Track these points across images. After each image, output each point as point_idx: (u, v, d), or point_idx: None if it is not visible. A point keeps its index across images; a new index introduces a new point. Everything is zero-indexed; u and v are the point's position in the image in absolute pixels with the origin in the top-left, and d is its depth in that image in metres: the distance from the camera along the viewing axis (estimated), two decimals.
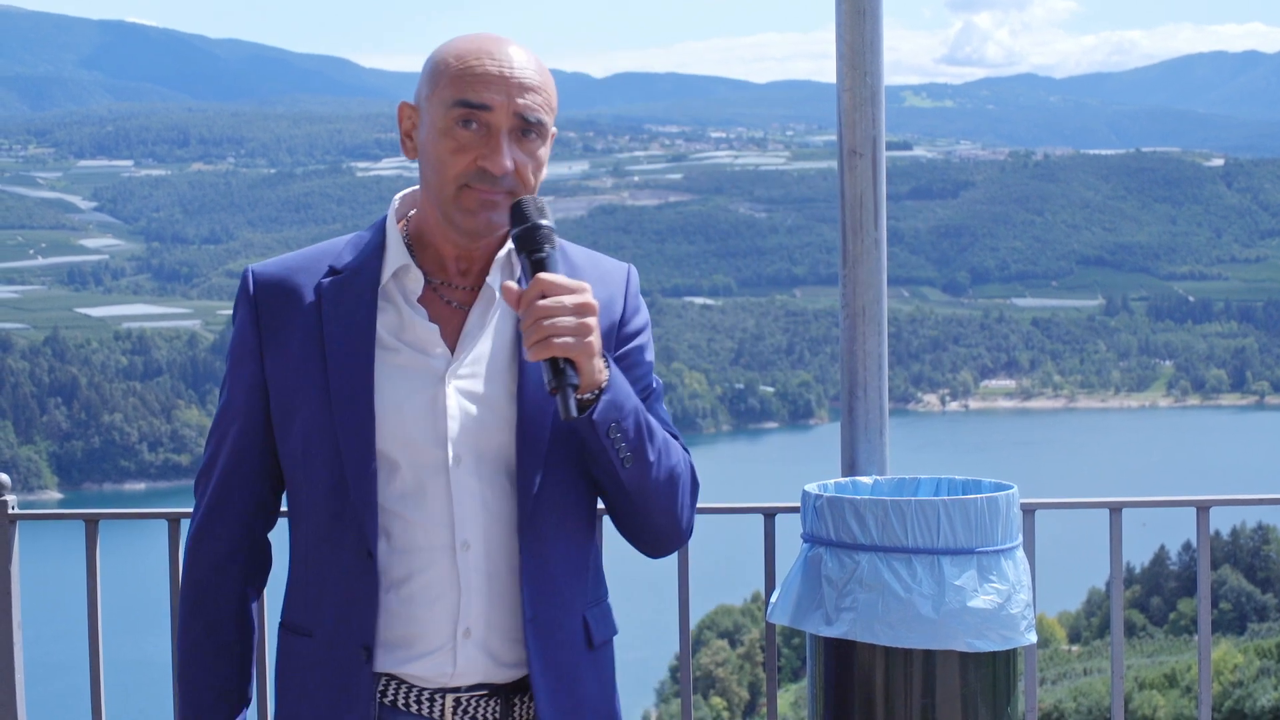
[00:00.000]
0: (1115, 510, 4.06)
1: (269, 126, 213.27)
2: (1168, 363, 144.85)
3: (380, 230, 2.92)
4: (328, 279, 2.85)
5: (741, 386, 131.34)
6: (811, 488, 3.30)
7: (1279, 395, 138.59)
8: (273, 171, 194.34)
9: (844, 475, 3.64)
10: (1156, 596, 53.81)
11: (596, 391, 2.71)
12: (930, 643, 3.03)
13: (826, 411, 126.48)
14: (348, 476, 2.77)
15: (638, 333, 2.98)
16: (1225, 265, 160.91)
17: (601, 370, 2.72)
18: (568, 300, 2.64)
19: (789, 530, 3.71)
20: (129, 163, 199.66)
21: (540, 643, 2.81)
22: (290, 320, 2.84)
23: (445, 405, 2.79)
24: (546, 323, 2.62)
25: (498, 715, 2.85)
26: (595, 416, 2.70)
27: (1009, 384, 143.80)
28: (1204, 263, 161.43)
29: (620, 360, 2.92)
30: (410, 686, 2.82)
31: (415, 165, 2.94)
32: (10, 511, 4.11)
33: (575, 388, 2.66)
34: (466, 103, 2.76)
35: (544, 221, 2.73)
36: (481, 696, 2.83)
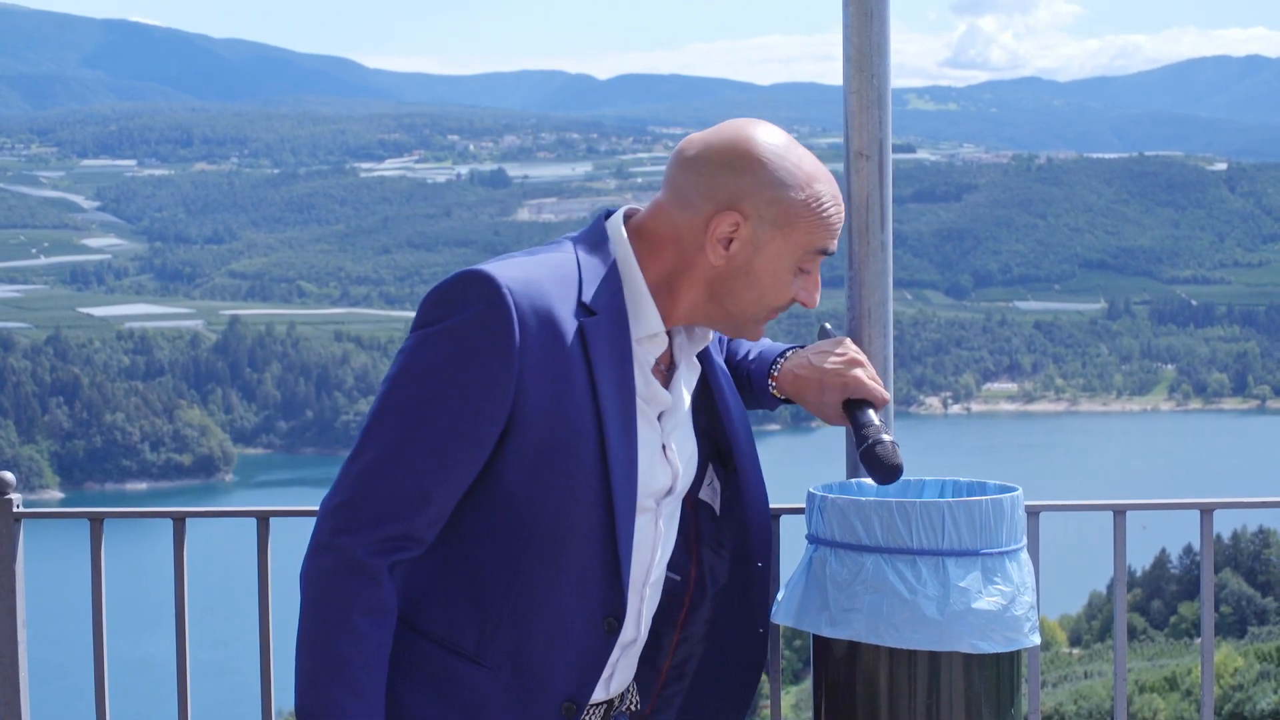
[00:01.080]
0: (1119, 513, 4.06)
1: (272, 126, 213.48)
2: (1170, 366, 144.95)
3: (608, 262, 2.79)
4: (587, 319, 2.70)
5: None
6: (816, 489, 3.31)
7: None
8: (276, 172, 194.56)
9: (849, 477, 3.64)
10: (1157, 600, 53.82)
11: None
12: (935, 644, 3.03)
13: None
14: (617, 531, 2.71)
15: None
16: (1228, 269, 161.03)
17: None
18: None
19: (793, 532, 3.71)
20: (132, 162, 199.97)
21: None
22: (556, 354, 2.66)
23: (671, 463, 2.86)
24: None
25: (604, 714, 2.89)
26: None
27: (1011, 387, 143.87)
28: (1206, 267, 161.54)
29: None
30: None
31: (416, 166, 2.93)
32: (15, 510, 4.11)
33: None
34: (826, 252, 2.83)
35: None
36: (598, 707, 2.87)
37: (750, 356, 3.35)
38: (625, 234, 2.82)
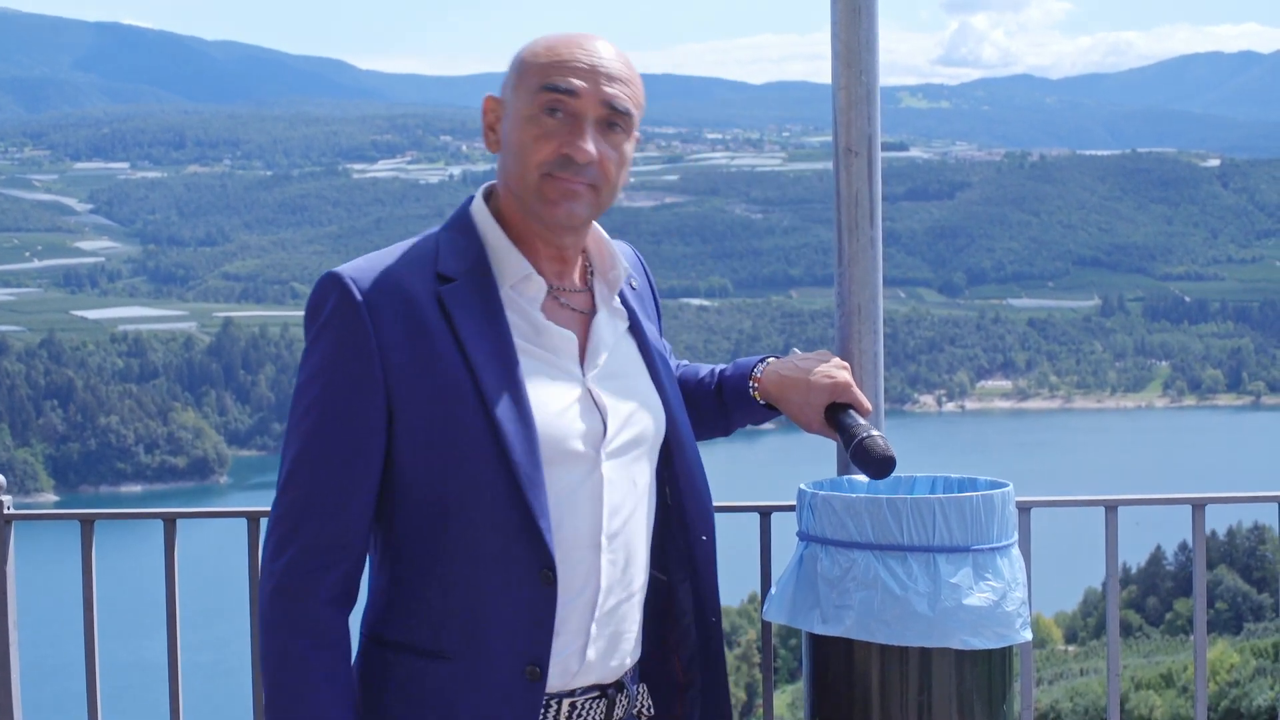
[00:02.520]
0: (1111, 508, 4.06)
1: (265, 128, 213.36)
2: (1164, 363, 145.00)
3: (468, 231, 2.83)
4: (444, 286, 2.73)
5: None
6: (806, 486, 3.30)
7: (1275, 395, 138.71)
8: (269, 173, 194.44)
9: (839, 474, 3.64)
10: (1153, 597, 53.81)
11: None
12: (926, 641, 3.03)
13: None
14: (523, 487, 2.66)
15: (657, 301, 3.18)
16: (1221, 265, 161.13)
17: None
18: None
19: (784, 529, 3.71)
20: (125, 165, 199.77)
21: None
22: (415, 331, 2.69)
23: (594, 407, 2.79)
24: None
25: (604, 715, 2.84)
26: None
27: (1005, 384, 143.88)
28: (1200, 263, 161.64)
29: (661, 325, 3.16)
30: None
31: (410, 168, 2.93)
32: (6, 512, 4.10)
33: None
34: (554, 87, 2.74)
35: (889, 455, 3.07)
36: (593, 698, 2.82)
37: (719, 371, 3.32)
38: (483, 199, 2.88)
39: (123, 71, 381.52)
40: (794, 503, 3.34)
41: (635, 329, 2.96)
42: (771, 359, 3.25)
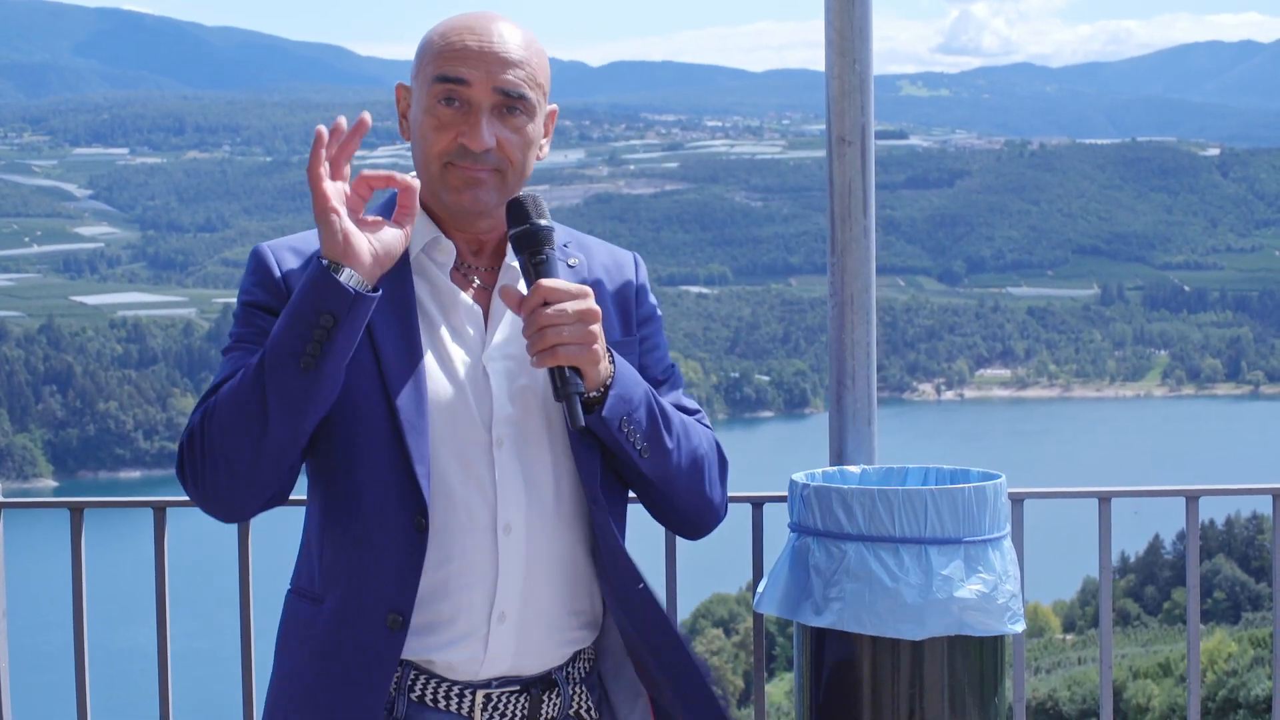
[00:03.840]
0: (1104, 499, 4.05)
1: (265, 114, 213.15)
2: (1163, 352, 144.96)
3: (393, 205, 2.82)
4: None
5: (737, 375, 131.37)
6: (799, 477, 3.29)
7: (1274, 385, 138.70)
8: (269, 160, 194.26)
9: (832, 465, 3.63)
10: (1151, 586, 53.84)
11: (603, 389, 2.70)
12: (917, 632, 3.02)
13: (821, 401, 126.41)
14: (407, 445, 2.68)
15: (651, 315, 3.00)
16: (1221, 255, 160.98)
17: (607, 366, 2.70)
18: (571, 307, 2.62)
19: (776, 520, 3.70)
20: (124, 150, 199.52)
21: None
22: None
23: (487, 385, 2.76)
24: (551, 331, 2.60)
25: (526, 712, 2.80)
26: (605, 413, 2.68)
27: (1004, 373, 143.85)
28: (1199, 252, 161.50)
29: (641, 343, 2.95)
30: (440, 680, 2.77)
31: (409, 154, 2.93)
32: None
33: (582, 395, 2.63)
34: (445, 78, 2.74)
35: (542, 221, 2.69)
36: (511, 692, 2.79)
37: None
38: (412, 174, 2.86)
39: (123, 57, 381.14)
40: (786, 494, 3.33)
41: None
42: None
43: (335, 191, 2.58)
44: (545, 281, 2.62)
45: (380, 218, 2.65)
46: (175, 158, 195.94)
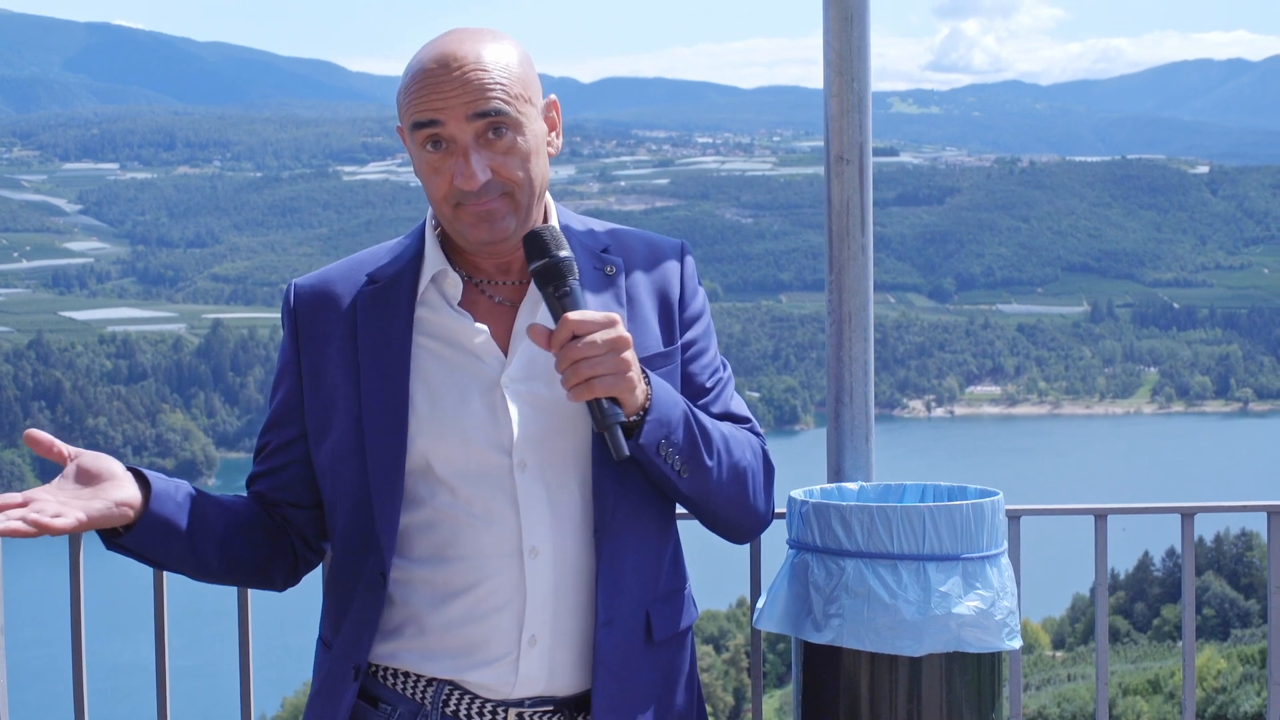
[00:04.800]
0: (1100, 517, 4.07)
1: (255, 130, 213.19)
2: (1152, 369, 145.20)
3: (419, 236, 2.85)
4: (367, 288, 2.80)
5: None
6: (798, 493, 3.30)
7: (1263, 402, 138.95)
8: (259, 175, 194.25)
9: (830, 481, 3.64)
10: (1140, 603, 53.90)
11: (640, 413, 2.66)
12: (916, 649, 3.04)
13: (812, 417, 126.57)
14: (372, 492, 2.74)
15: (698, 316, 2.94)
16: (1210, 272, 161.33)
17: (643, 390, 2.66)
18: (600, 338, 2.56)
19: (773, 536, 3.71)
20: (114, 166, 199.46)
21: (607, 645, 2.76)
22: (328, 332, 2.82)
23: (506, 409, 2.74)
24: (585, 365, 2.55)
25: None
26: (642, 440, 2.66)
27: (994, 390, 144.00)
28: (1189, 269, 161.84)
29: (685, 349, 2.89)
30: (474, 697, 2.76)
31: (401, 171, 2.97)
32: None
33: (622, 424, 2.60)
34: (418, 123, 2.68)
35: (562, 253, 2.63)
36: (545, 712, 2.78)
37: None
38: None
39: (113, 72, 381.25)
40: (784, 510, 3.34)
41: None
42: None
43: (73, 517, 2.59)
44: (572, 315, 2.57)
45: (71, 486, 2.66)
46: (165, 173, 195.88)
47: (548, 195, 2.85)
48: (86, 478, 2.64)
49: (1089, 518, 4.10)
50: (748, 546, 3.99)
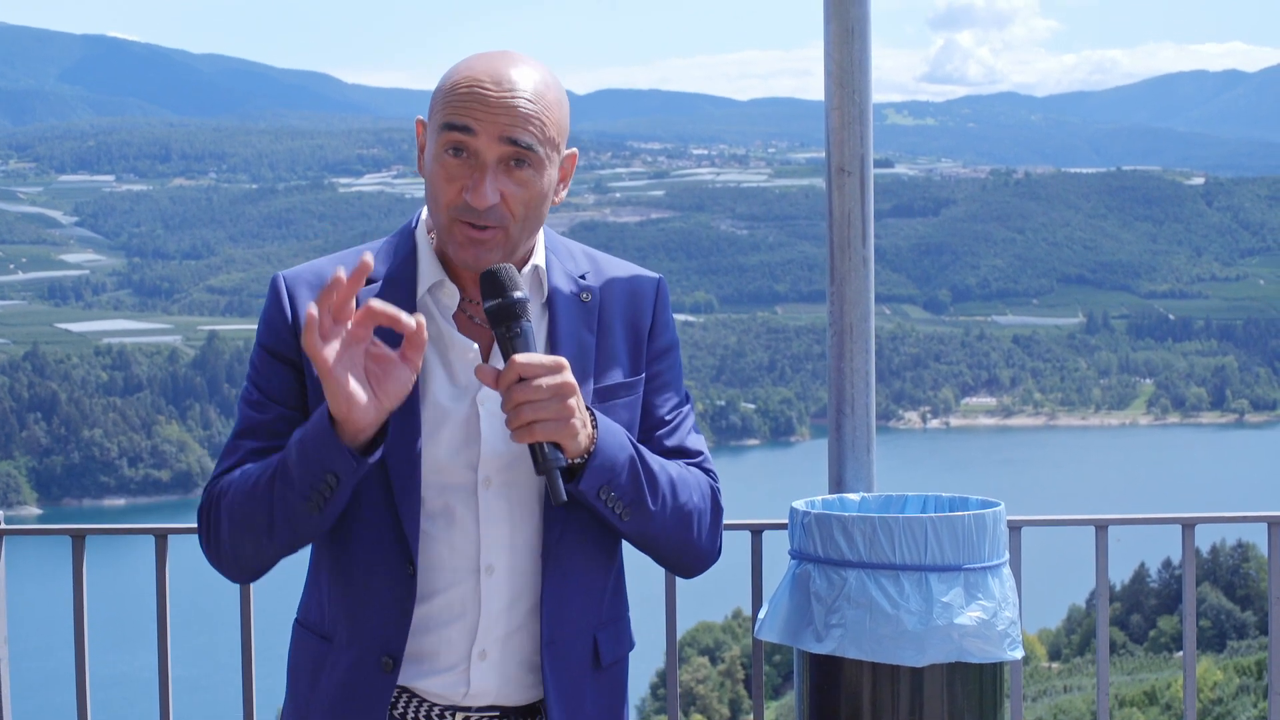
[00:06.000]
0: (1101, 528, 4.08)
1: (251, 142, 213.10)
2: (1148, 381, 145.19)
3: (409, 239, 2.86)
4: (365, 286, 2.77)
5: (723, 403, 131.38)
6: (800, 504, 3.31)
7: (1259, 413, 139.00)
8: (254, 187, 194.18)
9: (831, 492, 3.65)
10: (1137, 614, 53.89)
11: (584, 457, 2.67)
12: (918, 659, 3.04)
13: (808, 429, 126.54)
14: (394, 489, 2.73)
15: (666, 350, 2.96)
16: (1205, 283, 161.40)
17: (587, 435, 2.67)
18: (545, 382, 2.57)
19: (775, 547, 3.72)
20: (110, 177, 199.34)
21: (555, 665, 2.79)
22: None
23: (479, 427, 2.76)
24: (527, 408, 2.57)
25: None
26: (581, 485, 2.68)
27: (990, 401, 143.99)
28: (1184, 281, 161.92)
29: (649, 380, 2.91)
30: (422, 701, 2.80)
31: (395, 182, 2.96)
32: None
33: (562, 468, 2.60)
34: (452, 125, 2.68)
35: (516, 294, 2.63)
36: (493, 718, 2.82)
37: None
38: (424, 210, 2.87)
39: (109, 84, 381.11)
40: (785, 521, 3.35)
41: (552, 336, 2.84)
42: None
43: (334, 354, 2.52)
44: (519, 357, 2.58)
45: (389, 353, 2.59)
46: (161, 184, 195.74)
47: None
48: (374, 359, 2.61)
49: (1088, 529, 4.11)
50: (748, 558, 4.01)
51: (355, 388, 2.54)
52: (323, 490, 2.61)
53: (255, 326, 2.88)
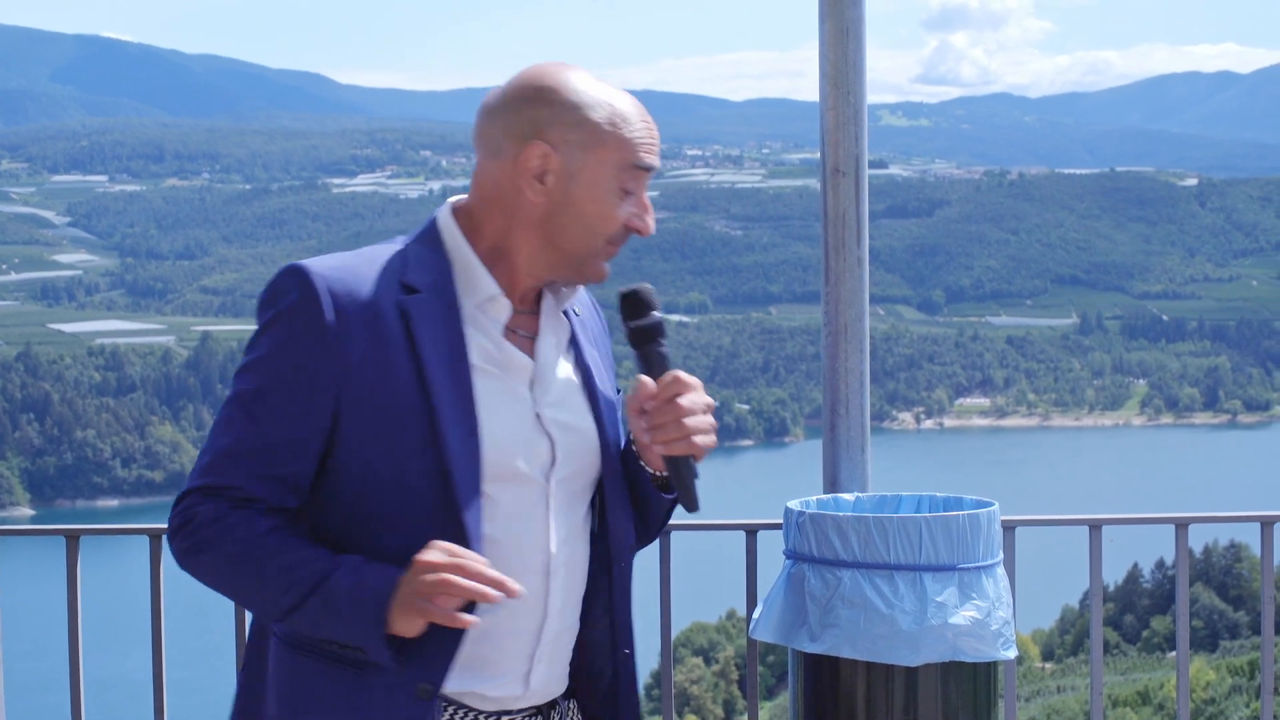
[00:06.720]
0: (1095, 528, 4.08)
1: (244, 142, 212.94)
2: (1141, 381, 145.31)
3: (435, 246, 2.82)
4: (408, 297, 2.72)
5: (717, 404, 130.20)
6: (794, 504, 3.32)
7: (1251, 414, 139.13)
8: (248, 187, 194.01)
9: (826, 492, 3.65)
10: (1130, 614, 53.92)
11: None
12: (912, 658, 3.05)
13: (802, 429, 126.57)
14: (459, 505, 2.67)
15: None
16: (1199, 284, 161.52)
17: None
18: (700, 400, 2.79)
19: (770, 547, 3.73)
20: (103, 178, 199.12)
21: (628, 673, 2.96)
22: (374, 336, 2.68)
23: (548, 435, 2.80)
24: (689, 421, 2.76)
25: None
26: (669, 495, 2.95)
27: (983, 402, 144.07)
28: (1178, 282, 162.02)
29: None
30: (469, 710, 2.79)
31: (389, 182, 2.93)
32: None
33: (696, 479, 2.79)
34: (642, 166, 2.79)
35: (658, 314, 2.82)
36: (529, 715, 2.85)
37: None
38: (451, 215, 2.85)
39: (102, 84, 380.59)
40: (779, 520, 3.35)
41: (575, 343, 2.95)
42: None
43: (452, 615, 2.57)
44: (681, 374, 2.78)
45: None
46: (154, 185, 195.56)
47: None
48: None
49: (1081, 529, 4.12)
50: (742, 558, 4.01)
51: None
52: (337, 644, 2.65)
53: (249, 327, 2.80)
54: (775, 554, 3.42)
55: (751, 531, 4.02)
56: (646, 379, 2.75)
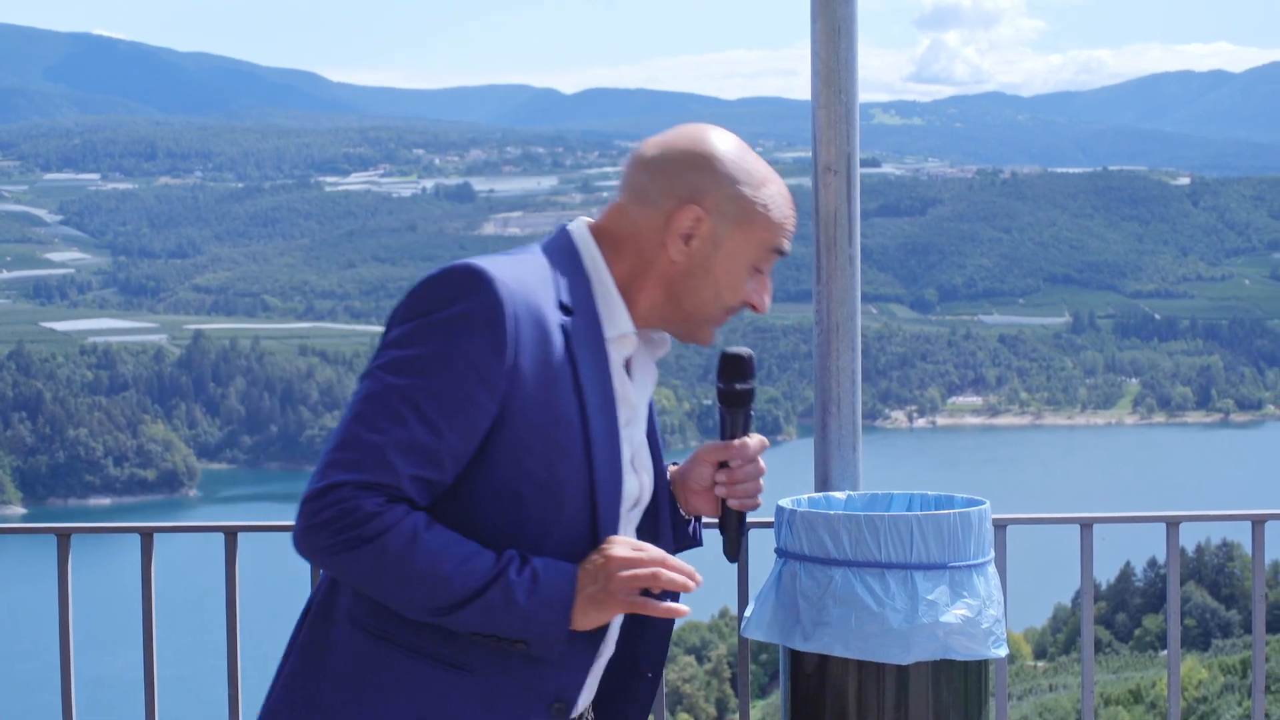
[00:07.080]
0: (1086, 526, 4.08)
1: (237, 140, 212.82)
2: (1134, 380, 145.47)
3: (576, 266, 2.80)
4: (566, 317, 2.71)
5: (710, 402, 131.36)
6: (785, 503, 3.32)
7: (1244, 413, 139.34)
8: (240, 185, 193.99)
9: (817, 490, 3.65)
10: (1122, 613, 53.99)
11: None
12: (903, 657, 3.05)
13: (794, 428, 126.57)
14: (601, 529, 2.73)
15: None
16: (1191, 283, 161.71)
17: None
18: (763, 463, 3.03)
19: (761, 545, 3.73)
20: (95, 176, 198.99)
21: (648, 693, 3.02)
22: (543, 352, 2.66)
23: (638, 461, 2.89)
24: (761, 481, 3.02)
25: None
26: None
27: (976, 401, 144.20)
28: (1170, 280, 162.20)
29: None
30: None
31: (382, 180, 2.93)
32: None
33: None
34: (782, 251, 2.90)
35: (753, 383, 3.04)
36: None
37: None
38: (590, 235, 2.86)
39: (94, 82, 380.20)
40: (771, 519, 3.35)
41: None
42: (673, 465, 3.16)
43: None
44: (765, 439, 3.07)
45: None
46: (147, 183, 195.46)
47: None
48: None
49: (1073, 527, 4.12)
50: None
51: None
52: (495, 640, 2.63)
53: (241, 325, 2.80)
54: (767, 552, 3.43)
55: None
56: (750, 440, 2.99)
